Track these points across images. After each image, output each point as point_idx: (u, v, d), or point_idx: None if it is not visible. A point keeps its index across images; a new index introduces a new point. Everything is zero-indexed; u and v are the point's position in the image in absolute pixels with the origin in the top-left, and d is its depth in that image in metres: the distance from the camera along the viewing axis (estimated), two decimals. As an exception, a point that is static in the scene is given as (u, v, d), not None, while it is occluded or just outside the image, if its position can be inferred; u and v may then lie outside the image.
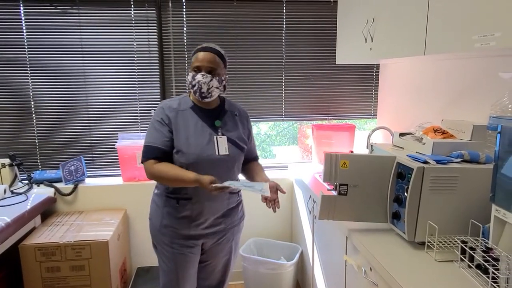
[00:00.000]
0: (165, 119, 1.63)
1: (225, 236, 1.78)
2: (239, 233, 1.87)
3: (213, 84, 1.62)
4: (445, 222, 1.38)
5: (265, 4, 2.71)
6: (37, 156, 2.66)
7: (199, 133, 1.64)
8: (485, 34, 1.20)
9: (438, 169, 1.35)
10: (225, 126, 1.70)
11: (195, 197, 1.65)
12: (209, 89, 1.62)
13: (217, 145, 1.64)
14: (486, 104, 1.75)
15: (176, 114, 1.65)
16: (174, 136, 1.62)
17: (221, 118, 1.71)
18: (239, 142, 1.70)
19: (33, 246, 2.10)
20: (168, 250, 1.70)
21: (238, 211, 1.82)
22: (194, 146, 1.61)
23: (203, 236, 1.72)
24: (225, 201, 1.72)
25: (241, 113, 1.79)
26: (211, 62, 1.61)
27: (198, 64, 1.61)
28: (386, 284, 1.29)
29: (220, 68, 1.65)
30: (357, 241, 1.49)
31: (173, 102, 1.69)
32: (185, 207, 1.66)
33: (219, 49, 1.67)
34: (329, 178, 1.50)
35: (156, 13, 2.61)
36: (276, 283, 2.46)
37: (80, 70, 2.61)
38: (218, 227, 1.74)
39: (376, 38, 1.95)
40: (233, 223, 1.80)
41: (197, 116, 1.67)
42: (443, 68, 2.06)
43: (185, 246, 1.70)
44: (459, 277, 1.19)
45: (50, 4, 2.52)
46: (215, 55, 1.63)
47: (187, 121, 1.65)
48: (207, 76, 1.60)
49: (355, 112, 2.95)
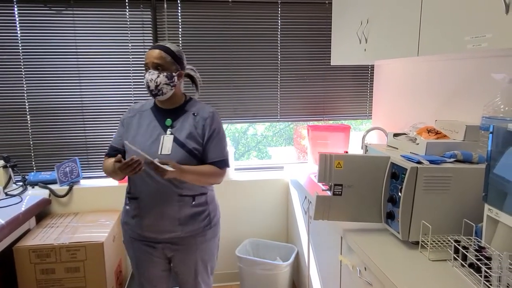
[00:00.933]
0: (122, 120, 1.74)
1: (186, 245, 1.70)
2: (205, 243, 1.73)
3: (161, 80, 1.60)
4: (439, 222, 1.39)
5: (260, 5, 2.71)
6: (31, 157, 2.65)
7: (148, 133, 1.66)
8: (477, 36, 1.22)
9: (431, 169, 1.36)
10: (179, 126, 1.66)
11: (140, 197, 1.65)
12: (158, 86, 1.60)
13: (162, 144, 1.62)
14: (479, 105, 1.76)
15: (134, 115, 1.72)
16: (123, 135, 1.71)
17: (177, 117, 1.68)
18: (187, 143, 1.63)
19: (28, 248, 2.09)
20: (129, 246, 1.75)
21: (201, 219, 1.70)
22: (138, 144, 1.62)
23: (160, 241, 1.69)
24: (174, 205, 1.64)
25: (200, 113, 1.70)
26: (157, 58, 1.59)
27: (146, 61, 1.62)
28: (380, 284, 1.30)
29: (168, 64, 1.62)
30: (352, 241, 1.50)
31: (139, 104, 1.78)
32: (133, 206, 1.68)
33: (169, 46, 1.64)
34: (324, 178, 1.51)
35: (151, 14, 2.61)
36: (272, 283, 2.46)
37: (75, 71, 2.61)
38: (174, 234, 1.66)
39: (370, 39, 1.97)
40: (194, 231, 1.69)
41: (153, 116, 1.70)
42: (436, 69, 2.08)
43: (144, 245, 1.71)
44: (452, 276, 1.20)
45: (44, 6, 2.51)
46: (161, 50, 1.61)
47: (143, 121, 1.70)
48: (154, 73, 1.59)
49: (350, 112, 2.96)
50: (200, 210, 1.71)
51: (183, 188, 1.64)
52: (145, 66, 1.63)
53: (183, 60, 1.69)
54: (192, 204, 1.68)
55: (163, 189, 1.62)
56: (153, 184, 1.62)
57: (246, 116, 2.84)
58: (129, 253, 1.77)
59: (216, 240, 1.81)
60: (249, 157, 7.90)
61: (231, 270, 2.88)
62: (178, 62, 1.66)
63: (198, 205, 1.70)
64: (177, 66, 1.66)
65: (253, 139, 8.15)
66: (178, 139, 1.64)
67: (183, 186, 1.64)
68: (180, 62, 1.67)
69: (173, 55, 1.64)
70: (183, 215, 1.66)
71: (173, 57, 1.64)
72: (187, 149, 1.63)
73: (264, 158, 7.62)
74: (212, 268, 1.83)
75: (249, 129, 8.01)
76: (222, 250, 2.84)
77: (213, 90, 2.77)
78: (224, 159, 1.71)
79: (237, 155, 7.30)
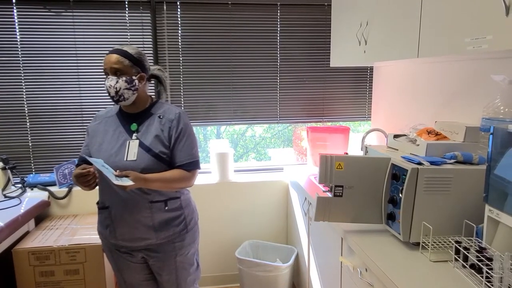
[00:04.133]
0: (88, 129, 1.70)
1: (163, 251, 1.66)
2: (184, 249, 1.70)
3: (120, 85, 1.55)
4: (440, 223, 1.40)
5: (260, 7, 2.72)
6: (30, 159, 2.64)
7: (114, 139, 1.61)
8: (477, 37, 1.22)
9: (432, 170, 1.36)
10: (144, 130, 1.62)
11: (110, 206, 1.61)
12: (118, 92, 1.56)
13: (128, 150, 1.58)
14: (478, 106, 1.77)
15: (100, 122, 1.69)
16: (89, 144, 1.67)
17: (142, 121, 1.64)
18: (153, 147, 1.58)
19: (27, 250, 2.08)
20: (108, 255, 1.73)
21: (176, 224, 1.66)
22: (103, 152, 1.59)
23: (135, 249, 1.66)
24: (146, 212, 1.60)
25: (166, 115, 1.64)
26: (114, 62, 1.55)
27: (105, 67, 1.57)
28: (381, 285, 1.30)
29: (127, 67, 1.57)
30: (353, 242, 1.50)
31: (105, 110, 1.74)
32: (104, 215, 1.64)
33: (126, 49, 1.59)
34: (325, 179, 1.51)
35: (150, 16, 2.62)
36: (272, 285, 2.46)
37: (74, 73, 2.60)
38: (149, 241, 1.63)
39: (370, 41, 1.97)
40: (170, 237, 1.65)
41: (118, 121, 1.66)
42: (435, 70, 2.09)
43: (122, 253, 1.68)
44: (453, 277, 1.20)
45: (43, 7, 2.51)
46: (118, 55, 1.56)
47: (108, 127, 1.66)
48: (112, 79, 1.55)
49: (349, 114, 2.97)
50: (175, 215, 1.66)
51: (152, 194, 1.60)
52: (104, 72, 1.59)
53: (143, 62, 1.63)
54: (165, 209, 1.63)
55: (132, 197, 1.58)
56: (122, 192, 1.58)
57: (245, 117, 2.84)
58: (110, 261, 1.75)
59: (196, 245, 1.77)
60: (248, 159, 7.90)
61: (231, 272, 2.87)
62: (138, 65, 1.61)
63: (171, 210, 1.65)
64: (137, 68, 1.60)
65: (252, 140, 8.16)
66: (143, 144, 1.59)
67: (153, 192, 1.60)
68: (141, 64, 1.62)
69: (131, 58, 1.58)
70: (156, 222, 1.61)
71: (131, 60, 1.58)
72: (153, 153, 1.58)
73: (262, 159, 7.62)
74: (196, 277, 1.79)
75: (248, 130, 8.02)
76: (221, 252, 2.83)
77: (212, 92, 2.77)
78: (193, 160, 1.65)
79: (235, 157, 7.30)
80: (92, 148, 1.64)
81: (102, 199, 1.64)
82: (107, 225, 1.64)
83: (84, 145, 1.70)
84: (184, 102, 2.75)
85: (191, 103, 2.76)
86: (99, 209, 1.67)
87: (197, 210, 1.81)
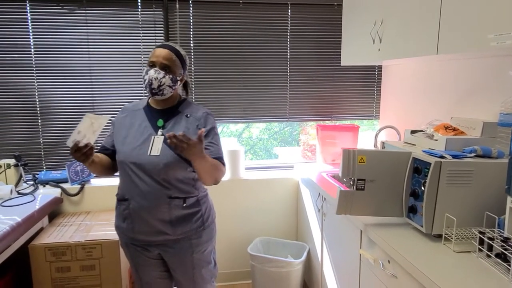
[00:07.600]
0: (114, 121, 1.72)
1: (180, 247, 1.67)
2: (201, 246, 1.70)
3: (165, 81, 1.58)
4: (461, 215, 1.43)
5: (271, 6, 2.75)
6: (42, 156, 2.64)
7: (139, 133, 1.63)
8: (501, 33, 1.26)
9: (454, 163, 1.40)
10: (171, 126, 1.63)
11: (129, 198, 1.61)
12: (160, 86, 1.57)
13: (152, 145, 1.59)
14: (493, 102, 1.81)
15: (126, 115, 1.70)
16: (114, 136, 1.69)
17: (169, 118, 1.65)
18: None
19: (43, 246, 2.08)
20: (125, 250, 1.73)
21: (193, 221, 1.66)
22: (127, 145, 1.61)
23: (152, 245, 1.66)
24: (164, 207, 1.60)
25: (194, 114, 1.67)
26: (166, 59, 1.58)
27: (154, 59, 1.58)
28: (407, 275, 1.32)
29: (176, 67, 1.61)
30: (374, 235, 1.53)
31: (132, 103, 1.76)
32: (122, 207, 1.64)
33: (178, 49, 1.63)
34: (347, 173, 1.54)
35: (163, 14, 2.63)
36: (284, 281, 2.48)
37: (86, 70, 2.61)
38: (166, 236, 1.63)
39: (385, 39, 2.01)
40: (187, 233, 1.65)
41: (145, 116, 1.67)
42: (449, 68, 2.13)
43: (139, 248, 1.69)
44: (479, 267, 1.24)
45: (56, 4, 2.52)
46: (171, 52, 1.59)
47: (134, 121, 1.67)
48: (160, 72, 1.56)
49: (358, 112, 3.00)
50: (192, 211, 1.66)
51: (172, 190, 1.60)
52: (151, 63, 1.59)
53: (187, 66, 1.69)
54: (183, 206, 1.63)
55: (152, 190, 1.58)
56: (142, 185, 1.58)
57: (255, 115, 2.87)
58: (127, 257, 1.76)
59: (213, 244, 1.78)
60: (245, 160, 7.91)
61: (243, 268, 2.89)
62: (184, 68, 1.66)
63: (189, 206, 1.65)
64: (181, 71, 1.65)
65: (248, 142, 8.19)
66: None
67: (172, 188, 1.60)
68: (185, 67, 1.67)
69: (181, 59, 1.63)
70: (174, 217, 1.62)
71: (181, 61, 1.63)
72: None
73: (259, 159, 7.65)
74: (212, 274, 1.80)
75: (245, 132, 8.04)
76: (233, 248, 2.85)
77: (223, 90, 2.79)
78: (220, 156, 1.65)
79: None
80: (116, 140, 1.66)
81: (122, 191, 1.65)
82: (124, 217, 1.64)
83: (108, 135, 1.74)
84: (195, 100, 2.77)
85: (202, 101, 2.78)
86: (118, 200, 1.68)
87: (214, 209, 1.82)
